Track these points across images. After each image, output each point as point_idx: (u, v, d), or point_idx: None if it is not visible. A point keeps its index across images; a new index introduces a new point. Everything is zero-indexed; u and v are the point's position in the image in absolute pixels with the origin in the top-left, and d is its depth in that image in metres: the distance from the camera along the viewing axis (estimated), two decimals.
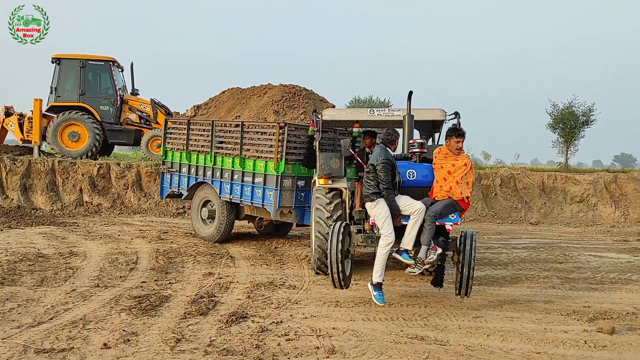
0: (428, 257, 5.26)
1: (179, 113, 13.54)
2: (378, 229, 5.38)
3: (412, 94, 6.16)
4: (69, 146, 14.79)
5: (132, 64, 16.01)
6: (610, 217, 14.59)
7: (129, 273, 6.83)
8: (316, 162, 7.09)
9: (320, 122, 7.15)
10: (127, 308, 5.23)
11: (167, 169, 10.29)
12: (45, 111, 15.04)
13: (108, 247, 8.47)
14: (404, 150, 6.12)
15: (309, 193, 8.24)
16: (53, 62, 15.18)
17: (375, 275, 5.32)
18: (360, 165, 6.50)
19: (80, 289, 5.93)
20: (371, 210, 5.37)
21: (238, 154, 8.66)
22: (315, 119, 7.21)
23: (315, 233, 6.82)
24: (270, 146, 8.12)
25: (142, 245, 8.78)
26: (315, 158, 7.22)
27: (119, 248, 8.45)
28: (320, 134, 7.18)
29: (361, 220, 5.81)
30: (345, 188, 6.70)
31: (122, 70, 16.34)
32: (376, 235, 5.46)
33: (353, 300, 5.77)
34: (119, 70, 16.10)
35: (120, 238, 9.45)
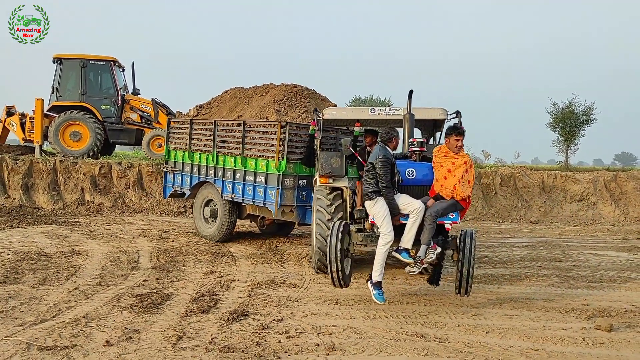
0: (427, 256, 5.25)
1: (181, 113, 13.59)
2: (377, 227, 5.38)
3: (413, 93, 6.17)
4: (70, 146, 14.85)
5: (133, 64, 16.07)
6: (610, 216, 14.62)
7: (131, 271, 6.87)
8: (316, 161, 7.11)
9: (321, 121, 7.14)
10: (129, 306, 5.27)
11: (170, 169, 10.33)
12: (47, 111, 15.09)
13: (110, 246, 8.52)
14: (404, 149, 6.13)
15: (311, 192, 8.24)
16: (54, 62, 15.22)
17: (375, 274, 5.31)
18: (361, 164, 6.50)
19: (83, 287, 5.97)
20: (370, 209, 5.37)
21: (240, 153, 8.67)
22: (316, 118, 7.20)
23: (315, 235, 6.78)
24: (271, 145, 8.13)
25: (144, 244, 8.82)
26: (316, 157, 7.22)
27: (120, 247, 8.50)
28: (321, 133, 7.17)
29: (362, 219, 5.81)
30: (346, 187, 6.69)
31: (123, 70, 16.39)
32: (376, 234, 5.45)
33: (353, 298, 5.81)
34: (120, 70, 16.14)
35: (121, 237, 9.49)
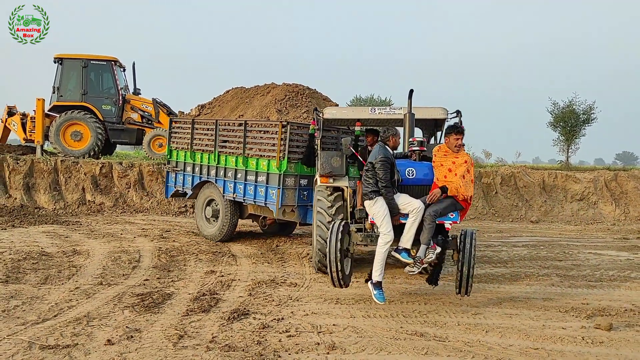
0: (427, 256, 5.21)
1: (183, 112, 13.61)
2: (377, 227, 5.37)
3: (413, 92, 6.17)
4: (71, 145, 14.88)
5: (134, 64, 16.10)
6: (611, 215, 14.63)
7: (132, 271, 6.89)
8: (317, 161, 7.11)
9: (321, 121, 7.14)
10: (130, 305, 5.29)
11: (172, 168, 10.35)
12: (48, 111, 15.11)
13: (111, 246, 8.54)
14: (404, 149, 6.13)
15: (312, 192, 8.25)
16: (55, 62, 15.26)
17: (375, 274, 5.29)
18: (362, 163, 6.51)
19: (84, 286, 6.00)
20: (370, 209, 5.35)
21: (241, 153, 8.68)
22: (317, 117, 7.20)
23: (316, 237, 6.77)
24: (272, 145, 8.13)
25: (145, 244, 8.84)
26: (316, 156, 7.22)
27: (121, 246, 8.52)
28: (321, 132, 7.16)
29: (362, 218, 5.80)
30: (347, 187, 6.69)
31: (124, 70, 16.42)
32: (376, 234, 5.43)
33: (353, 298, 5.82)
34: (121, 69, 16.18)
35: (122, 237, 9.51)
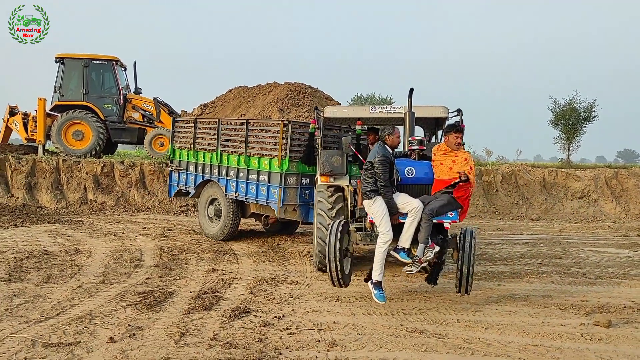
0: (425, 255, 5.19)
1: (186, 112, 13.63)
2: (376, 226, 5.35)
3: (413, 91, 6.18)
4: (73, 145, 14.92)
5: (135, 63, 16.14)
6: (611, 213, 14.64)
7: (134, 270, 6.93)
8: (317, 160, 7.13)
9: (321, 120, 7.15)
10: (132, 303, 5.33)
11: (175, 167, 10.38)
12: (50, 110, 15.15)
13: (113, 245, 8.58)
14: (404, 148, 6.14)
15: (313, 191, 8.26)
16: (57, 62, 15.29)
17: (375, 273, 5.28)
18: (362, 162, 6.52)
19: (86, 285, 6.04)
20: (369, 208, 5.34)
21: (243, 152, 8.70)
22: (317, 116, 7.21)
23: (317, 239, 6.78)
24: (274, 144, 8.15)
25: (146, 243, 8.88)
26: (315, 155, 7.23)
27: (123, 245, 8.56)
28: (321, 131, 7.17)
29: (362, 217, 5.80)
30: (347, 185, 6.70)
31: (125, 70, 16.45)
32: (375, 233, 5.42)
33: (354, 295, 5.86)
34: (122, 69, 16.21)
35: (124, 235, 9.56)
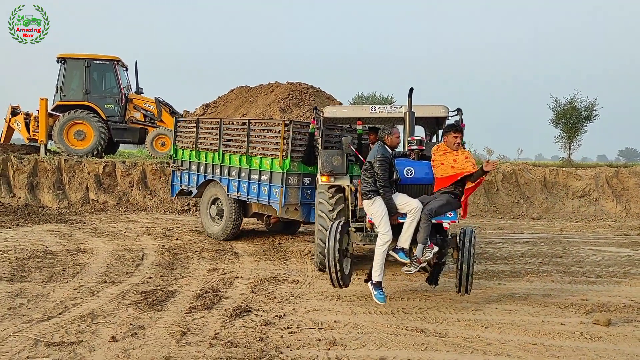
0: (424, 256, 5.19)
1: (188, 112, 13.66)
2: (376, 227, 5.35)
3: (413, 90, 6.19)
4: (74, 145, 14.96)
5: (137, 63, 16.19)
6: (612, 212, 14.64)
7: (135, 269, 6.96)
8: (318, 160, 7.15)
9: (321, 120, 7.17)
10: (134, 303, 5.36)
11: (178, 167, 10.41)
12: (51, 110, 15.20)
13: (114, 244, 8.62)
14: (404, 148, 6.15)
15: (315, 190, 8.27)
16: (58, 62, 15.33)
17: (375, 274, 5.27)
18: (363, 162, 6.53)
19: (88, 284, 6.07)
20: (368, 208, 5.33)
21: (245, 152, 8.72)
22: (316, 116, 7.22)
23: (317, 240, 6.79)
24: (275, 144, 8.17)
25: (148, 242, 8.92)
26: (315, 155, 7.24)
27: (125, 245, 8.59)
28: (321, 131, 7.18)
29: (363, 217, 5.80)
30: (348, 185, 6.72)
31: (127, 69, 16.48)
32: (375, 234, 5.41)
33: (354, 295, 5.88)
34: (124, 69, 16.25)
35: (126, 235, 9.59)
